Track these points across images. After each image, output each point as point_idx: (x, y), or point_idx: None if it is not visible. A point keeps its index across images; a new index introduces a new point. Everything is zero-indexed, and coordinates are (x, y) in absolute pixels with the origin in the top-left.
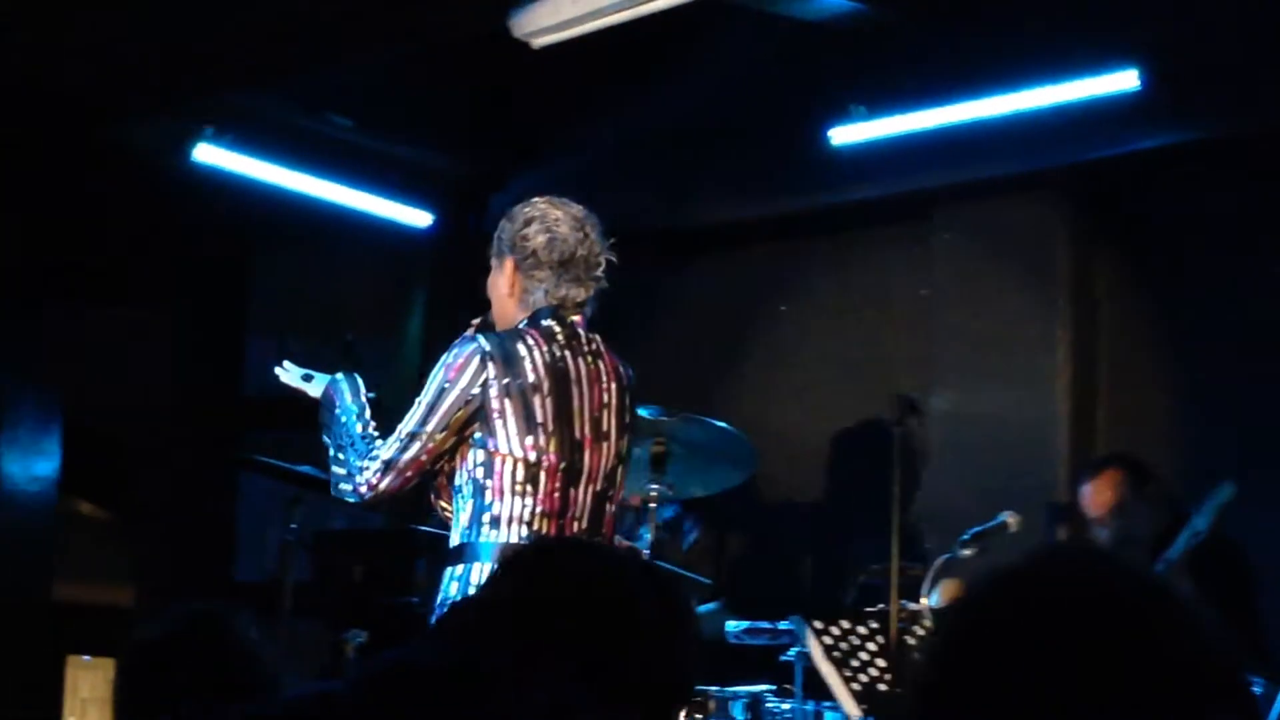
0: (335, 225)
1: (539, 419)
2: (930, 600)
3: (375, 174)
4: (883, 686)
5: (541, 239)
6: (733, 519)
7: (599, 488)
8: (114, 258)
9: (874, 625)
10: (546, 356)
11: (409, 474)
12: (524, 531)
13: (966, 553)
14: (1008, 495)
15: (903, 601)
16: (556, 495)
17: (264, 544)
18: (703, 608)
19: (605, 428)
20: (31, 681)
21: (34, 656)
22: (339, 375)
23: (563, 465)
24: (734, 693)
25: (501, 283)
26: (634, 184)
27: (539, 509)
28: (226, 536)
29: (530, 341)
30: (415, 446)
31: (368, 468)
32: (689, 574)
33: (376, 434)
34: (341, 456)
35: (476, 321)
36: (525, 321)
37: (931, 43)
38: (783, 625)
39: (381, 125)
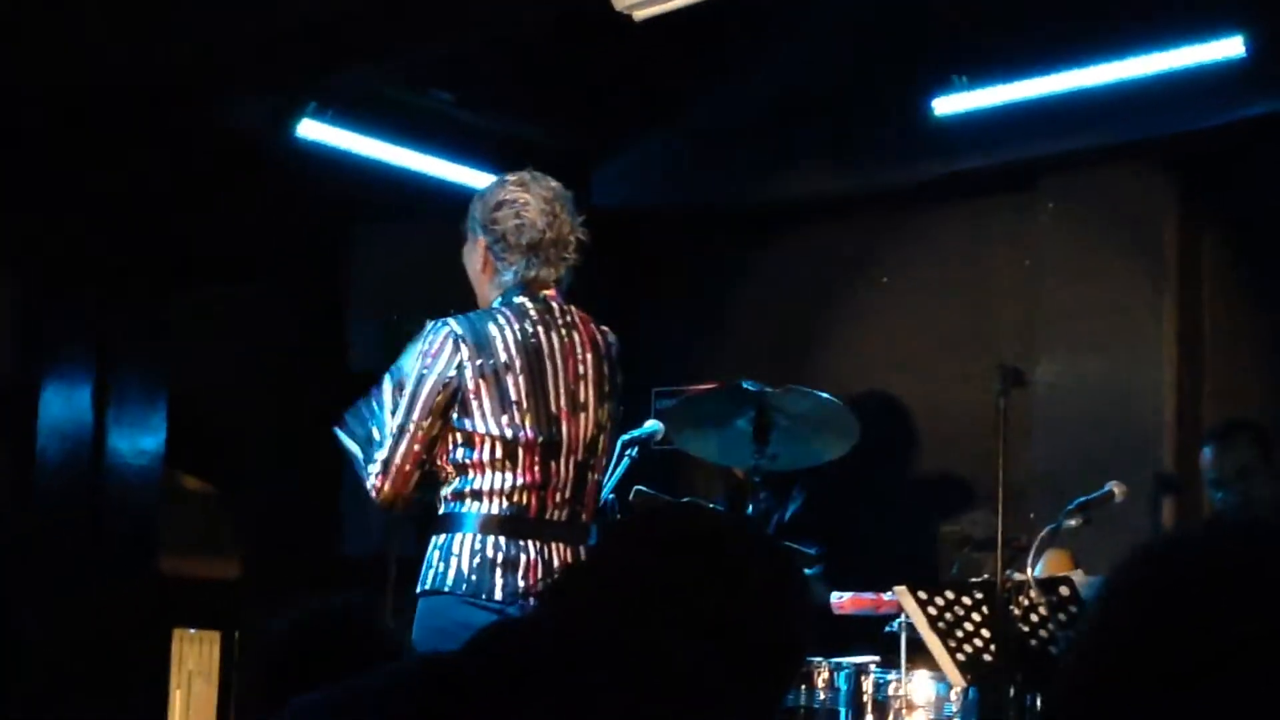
0: (437, 200)
1: (514, 397)
2: (1035, 571)
3: (476, 148)
4: (987, 657)
5: (511, 223)
6: (835, 490)
7: (580, 458)
8: (218, 234)
9: (979, 596)
10: (518, 334)
11: (407, 468)
12: (504, 504)
13: (1072, 523)
14: (1113, 465)
15: (1007, 572)
16: (536, 469)
17: (369, 518)
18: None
19: (582, 399)
20: (138, 654)
21: (141, 629)
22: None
23: (540, 440)
24: (838, 663)
25: (475, 260)
26: (735, 156)
27: (520, 482)
28: (331, 510)
29: (501, 321)
30: (405, 440)
31: (372, 472)
32: (792, 544)
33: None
34: (360, 464)
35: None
36: (499, 300)
37: (1034, 11)
38: (887, 595)
39: (483, 100)
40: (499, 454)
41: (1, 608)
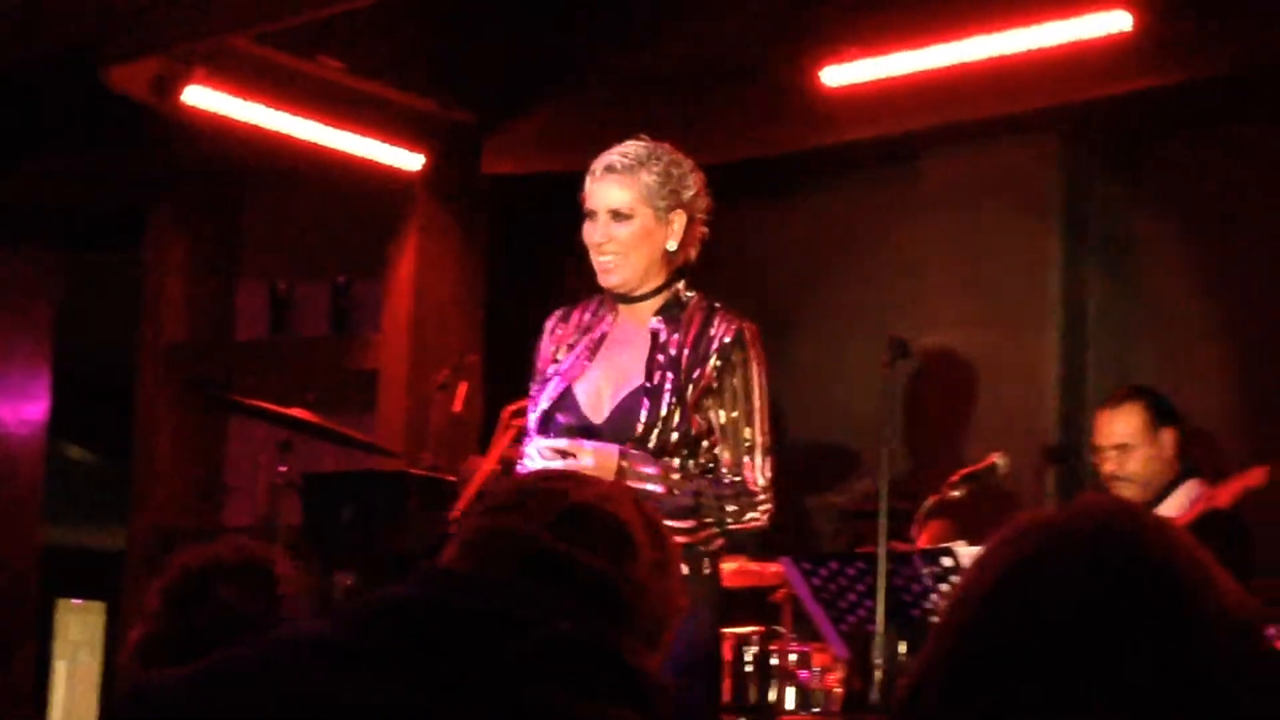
0: (327, 168)
1: None
2: (918, 541)
3: (367, 117)
4: (871, 627)
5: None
6: None
7: None
8: (104, 202)
9: (862, 566)
10: None
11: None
12: None
13: (956, 494)
14: (997, 436)
15: (891, 542)
16: None
17: (254, 487)
18: None
19: None
20: (21, 624)
21: (23, 600)
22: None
23: None
24: (722, 634)
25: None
26: (626, 128)
27: None
28: (216, 480)
29: None
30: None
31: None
32: None
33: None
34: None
35: None
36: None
37: None
38: (772, 566)
39: (373, 67)
40: None
41: None
